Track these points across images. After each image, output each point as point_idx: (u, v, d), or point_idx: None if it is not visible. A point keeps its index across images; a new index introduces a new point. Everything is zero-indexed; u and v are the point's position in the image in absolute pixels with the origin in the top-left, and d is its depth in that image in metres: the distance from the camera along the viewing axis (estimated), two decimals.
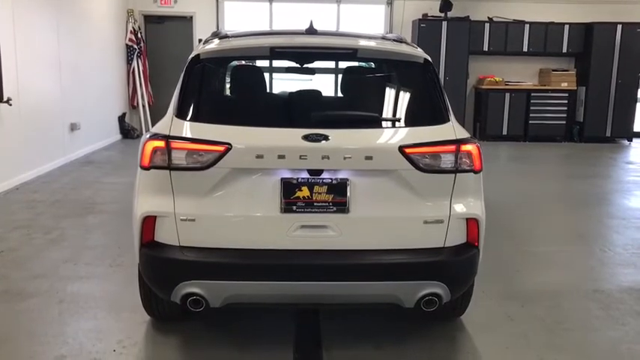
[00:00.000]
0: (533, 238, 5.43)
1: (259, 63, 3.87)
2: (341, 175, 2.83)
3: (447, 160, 2.88)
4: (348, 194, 2.82)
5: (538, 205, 6.76)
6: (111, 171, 7.90)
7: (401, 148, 2.81)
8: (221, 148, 2.76)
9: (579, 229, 5.79)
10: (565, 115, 11.74)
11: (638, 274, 4.51)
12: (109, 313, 3.62)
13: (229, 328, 3.44)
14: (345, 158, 2.78)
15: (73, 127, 8.58)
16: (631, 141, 11.89)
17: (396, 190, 2.85)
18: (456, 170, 2.89)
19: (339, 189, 2.82)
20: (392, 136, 2.98)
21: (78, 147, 8.81)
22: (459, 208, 2.93)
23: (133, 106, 11.24)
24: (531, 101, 11.62)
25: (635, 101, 11.80)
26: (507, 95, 11.60)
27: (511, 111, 11.61)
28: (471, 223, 2.97)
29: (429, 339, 3.37)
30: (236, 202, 2.82)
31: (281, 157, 2.76)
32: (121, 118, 10.89)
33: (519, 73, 12.01)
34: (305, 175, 2.81)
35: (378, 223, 2.87)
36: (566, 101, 11.74)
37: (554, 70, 11.76)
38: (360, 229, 2.85)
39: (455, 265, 2.93)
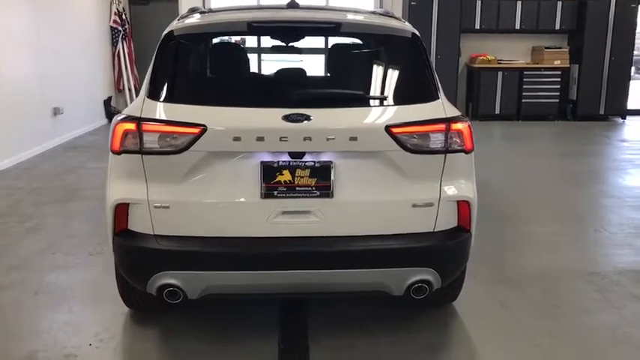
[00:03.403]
0: (527, 218, 5.29)
1: (236, 39, 3.69)
2: (324, 158, 2.67)
3: (437, 140, 2.73)
4: (332, 178, 2.67)
5: (531, 184, 6.62)
6: (96, 156, 7.68)
7: (387, 128, 2.65)
8: (196, 130, 2.59)
9: (573, 209, 5.66)
10: (558, 94, 11.58)
11: (634, 255, 4.39)
12: (87, 305, 3.48)
13: (212, 318, 3.30)
14: (328, 139, 2.62)
15: (56, 112, 8.35)
16: (624, 119, 11.76)
17: (382, 172, 2.70)
18: (446, 150, 2.73)
19: (322, 172, 2.66)
20: (378, 115, 2.81)
21: (62, 132, 8.58)
22: (450, 190, 2.78)
23: (119, 90, 10.97)
24: (524, 80, 11.44)
25: (629, 79, 11.64)
26: (500, 74, 11.40)
27: (504, 90, 11.43)
28: (463, 205, 2.82)
29: (419, 326, 3.24)
30: (213, 187, 2.66)
31: (260, 139, 2.59)
32: (107, 102, 10.64)
33: (512, 52, 11.80)
34: (286, 158, 2.65)
35: (364, 207, 2.72)
36: (559, 79, 11.56)
37: (547, 48, 11.56)
38: (345, 214, 2.70)
39: (446, 251, 2.79)
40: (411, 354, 2.99)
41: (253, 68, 4.76)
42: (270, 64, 4.41)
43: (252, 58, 4.96)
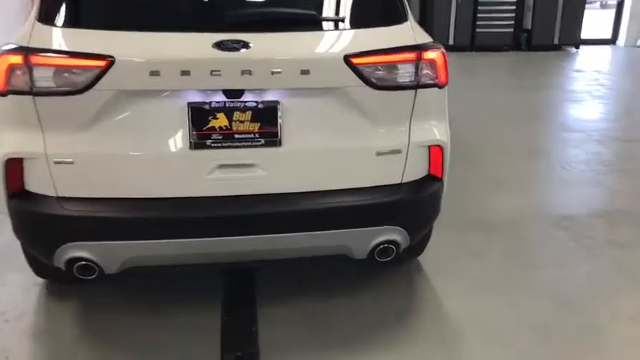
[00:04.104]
0: (487, 157, 4.91)
1: None
2: (269, 97, 2.14)
3: (405, 73, 2.23)
4: (280, 122, 2.15)
5: (488, 120, 6.26)
6: None
7: (347, 58, 2.13)
8: (101, 63, 2.00)
9: (537, 146, 5.34)
10: (513, 22, 11.19)
11: (605, 194, 4.12)
12: None
13: (142, 288, 2.81)
14: (273, 73, 2.08)
15: None
16: (578, 48, 11.55)
17: (341, 114, 2.20)
18: (416, 85, 2.24)
19: (267, 115, 2.14)
20: (335, 41, 2.27)
21: None
22: (420, 133, 2.31)
23: None
24: (478, 7, 10.97)
25: (584, 7, 11.32)
26: (454, 2, 10.88)
27: (458, 19, 10.95)
28: (435, 151, 2.37)
29: (383, 286, 2.85)
30: (128, 137, 2.11)
31: (185, 73, 2.03)
32: None
33: None
34: (220, 97, 2.11)
35: (319, 157, 2.22)
36: (514, 7, 11.15)
37: None
38: (296, 166, 2.21)
39: (415, 205, 2.35)
40: (372, 320, 2.60)
41: None
42: None
43: None
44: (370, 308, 2.69)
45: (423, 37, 2.31)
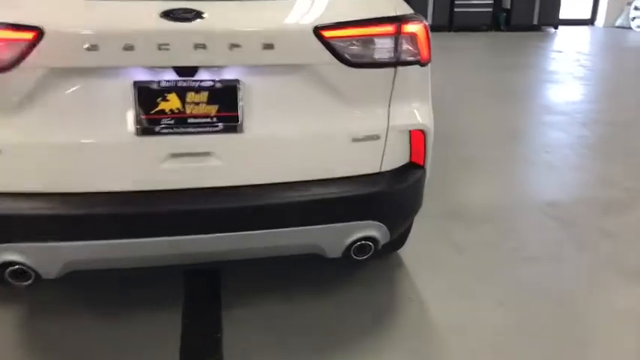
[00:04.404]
0: (468, 140, 4.69)
1: None
2: (227, 75, 1.86)
3: (383, 48, 1.97)
4: (240, 104, 1.87)
5: (468, 101, 6.04)
6: None
7: (317, 31, 1.86)
8: (27, 36, 1.70)
9: (518, 128, 5.15)
10: (492, 2, 10.98)
11: (592, 179, 3.93)
12: None
13: (94, 291, 2.53)
14: (231, 47, 1.80)
15: None
16: (557, 28, 11.40)
17: (310, 95, 1.93)
18: (395, 62, 1.99)
19: (225, 96, 1.86)
20: (303, 11, 1.99)
21: None
22: (401, 117, 2.06)
23: None
24: None
25: None
26: None
27: None
28: (416, 136, 2.13)
29: (360, 284, 2.61)
30: (65, 122, 1.81)
31: (128, 47, 1.74)
32: None
33: None
34: (171, 75, 1.83)
35: (286, 144, 1.96)
36: None
37: None
38: (260, 154, 1.94)
39: (395, 197, 2.11)
40: (348, 322, 2.36)
41: None
42: None
43: None
44: (345, 309, 2.45)
45: (404, 9, 2.05)
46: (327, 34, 1.86)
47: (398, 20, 1.96)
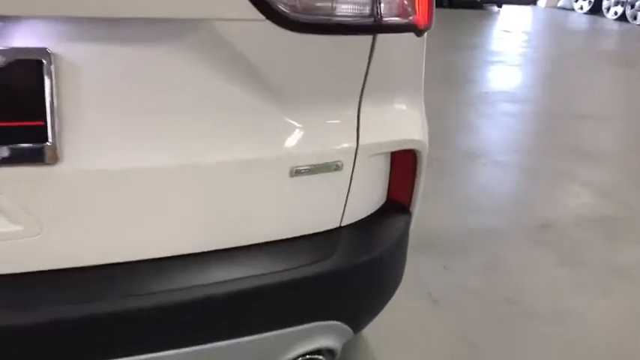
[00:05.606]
0: (435, 141, 3.84)
1: None
2: (23, 40, 0.84)
3: None
4: (51, 101, 0.86)
5: (426, 89, 5.20)
6: None
7: None
8: None
9: (487, 124, 4.36)
10: None
11: (588, 192, 3.17)
12: None
13: None
14: None
15: None
16: (500, 7, 10.85)
17: (208, 84, 0.95)
18: (374, 25, 1.03)
19: (16, 86, 0.85)
20: None
21: None
22: (378, 127, 1.13)
23: None
24: None
25: None
26: None
27: None
28: (402, 160, 1.22)
29: None
30: None
31: None
32: None
33: None
34: None
35: (153, 186, 0.96)
36: None
37: None
38: (97, 208, 0.94)
39: (365, 274, 1.17)
40: None
41: None
42: None
43: None
44: None
45: None
46: None
47: None
